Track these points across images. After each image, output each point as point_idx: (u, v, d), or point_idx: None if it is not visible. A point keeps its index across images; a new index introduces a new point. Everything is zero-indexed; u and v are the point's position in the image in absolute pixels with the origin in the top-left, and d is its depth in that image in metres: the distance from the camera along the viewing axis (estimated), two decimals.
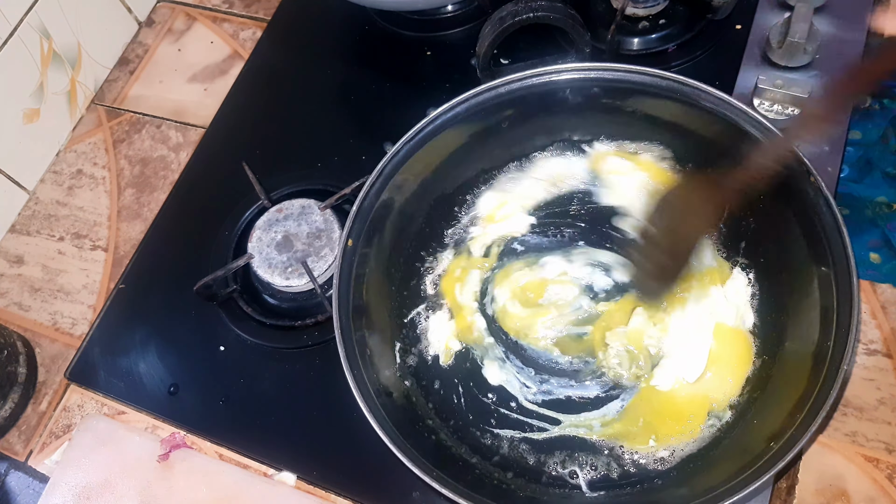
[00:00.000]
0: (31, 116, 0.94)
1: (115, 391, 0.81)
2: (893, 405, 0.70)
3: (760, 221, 0.72)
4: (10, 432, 0.82)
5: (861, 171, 0.82)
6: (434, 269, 0.79)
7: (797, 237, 0.67)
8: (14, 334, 0.84)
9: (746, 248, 0.74)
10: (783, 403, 0.63)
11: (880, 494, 0.66)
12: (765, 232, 0.72)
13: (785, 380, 0.66)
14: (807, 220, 0.65)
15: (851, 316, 0.60)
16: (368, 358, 0.67)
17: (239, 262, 0.80)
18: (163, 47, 1.06)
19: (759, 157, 0.59)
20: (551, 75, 0.73)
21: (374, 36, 0.99)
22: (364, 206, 0.71)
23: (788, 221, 0.68)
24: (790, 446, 0.57)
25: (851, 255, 0.61)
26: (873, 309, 0.74)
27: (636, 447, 0.68)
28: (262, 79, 0.99)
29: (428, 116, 0.73)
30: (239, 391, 0.78)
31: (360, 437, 0.62)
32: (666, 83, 0.70)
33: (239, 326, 0.80)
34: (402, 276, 0.78)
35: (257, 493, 0.73)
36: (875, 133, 0.83)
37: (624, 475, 0.68)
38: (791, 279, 0.68)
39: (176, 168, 0.95)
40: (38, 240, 0.94)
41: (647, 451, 0.68)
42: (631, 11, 0.88)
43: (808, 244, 0.66)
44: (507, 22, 0.79)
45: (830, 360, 0.60)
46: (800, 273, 0.67)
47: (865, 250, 0.78)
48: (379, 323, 0.73)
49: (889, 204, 0.80)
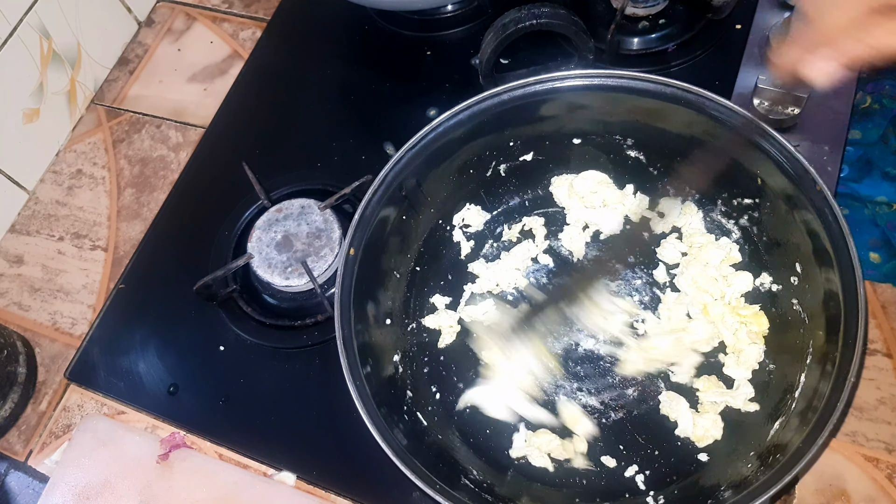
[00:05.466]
0: (31, 116, 0.94)
1: (115, 391, 0.81)
2: (893, 405, 0.70)
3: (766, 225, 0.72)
4: (10, 432, 0.82)
5: (861, 171, 0.82)
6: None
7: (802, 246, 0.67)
8: (14, 334, 0.84)
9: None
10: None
11: (880, 494, 0.67)
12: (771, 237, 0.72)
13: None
14: (811, 228, 0.65)
15: (858, 326, 0.59)
16: (370, 367, 0.67)
17: (239, 261, 0.80)
18: (162, 47, 1.06)
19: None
20: (555, 82, 0.72)
21: (374, 36, 0.99)
22: (366, 215, 0.70)
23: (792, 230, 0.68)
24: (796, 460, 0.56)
25: (858, 265, 0.61)
26: (873, 309, 0.74)
27: None
28: (262, 79, 0.99)
29: (430, 123, 0.72)
30: (239, 391, 0.78)
31: (360, 437, 0.62)
32: (671, 91, 0.70)
33: (239, 326, 0.80)
34: (406, 281, 0.78)
35: (257, 493, 0.73)
36: (875, 133, 0.83)
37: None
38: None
39: (176, 168, 0.95)
40: (38, 240, 0.94)
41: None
42: (631, 11, 0.88)
43: (817, 254, 0.65)
44: (510, 29, 0.79)
45: (838, 369, 0.59)
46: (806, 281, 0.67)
47: (865, 250, 0.78)
48: (380, 328, 0.73)
49: (889, 204, 0.80)
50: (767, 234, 0.73)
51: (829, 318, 0.63)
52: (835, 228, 0.63)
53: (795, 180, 0.65)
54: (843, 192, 0.81)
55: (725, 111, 0.68)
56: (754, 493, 0.57)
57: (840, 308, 0.61)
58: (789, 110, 0.79)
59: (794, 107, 0.79)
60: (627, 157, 0.78)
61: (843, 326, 0.60)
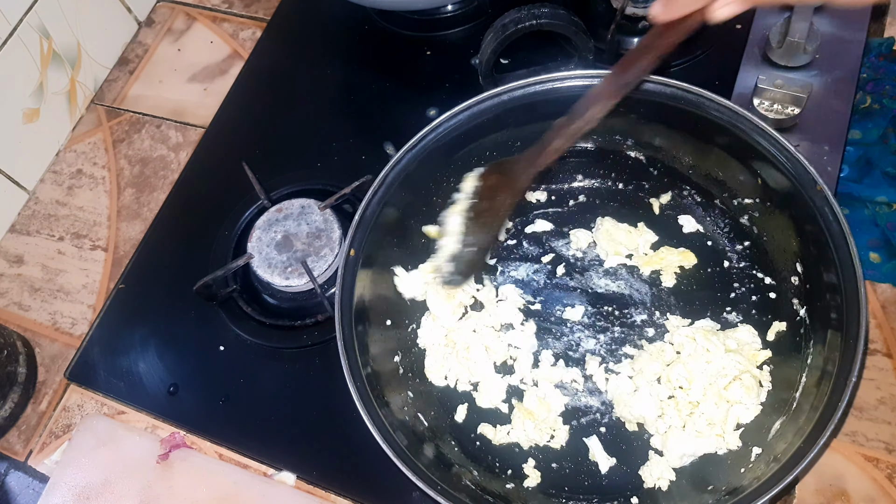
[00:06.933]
0: (31, 116, 0.94)
1: (115, 391, 0.81)
2: (893, 405, 0.70)
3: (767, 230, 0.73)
4: (10, 432, 0.82)
5: (861, 170, 0.81)
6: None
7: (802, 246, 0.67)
8: (14, 334, 0.84)
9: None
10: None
11: (880, 494, 0.67)
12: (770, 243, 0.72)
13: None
14: (811, 228, 0.65)
15: (858, 326, 0.59)
16: (370, 367, 0.67)
17: (239, 261, 0.80)
18: (162, 47, 1.06)
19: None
20: (555, 82, 0.72)
21: (374, 36, 0.99)
22: (366, 216, 0.70)
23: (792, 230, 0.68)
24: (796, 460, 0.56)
25: (858, 265, 0.61)
26: (873, 309, 0.74)
27: None
28: (262, 79, 0.99)
29: (430, 124, 0.72)
30: (239, 391, 0.78)
31: (360, 437, 0.62)
32: (671, 91, 0.70)
33: (239, 326, 0.80)
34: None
35: (257, 493, 0.73)
36: (875, 133, 0.83)
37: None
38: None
39: (176, 168, 0.95)
40: (38, 240, 0.94)
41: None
42: (631, 11, 0.88)
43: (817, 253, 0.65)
44: (510, 29, 0.79)
45: (838, 369, 0.59)
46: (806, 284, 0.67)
47: (865, 250, 0.78)
48: (380, 329, 0.73)
49: (889, 204, 0.80)
50: (767, 234, 0.73)
51: (830, 319, 0.63)
52: (835, 228, 0.63)
53: (795, 180, 0.65)
54: (843, 192, 0.80)
55: (725, 111, 0.68)
56: (754, 493, 0.57)
57: (840, 308, 0.61)
58: (789, 110, 0.79)
59: (794, 107, 0.79)
60: (627, 157, 0.79)
61: (844, 326, 0.60)
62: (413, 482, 0.59)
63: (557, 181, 0.82)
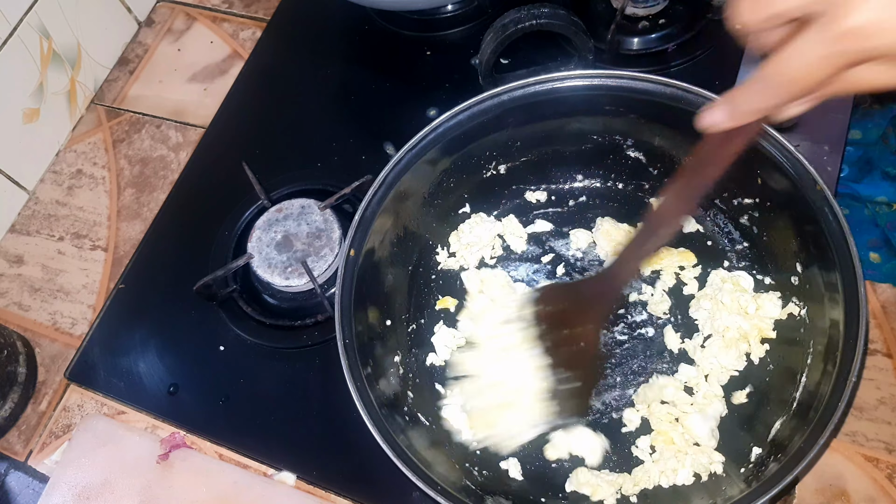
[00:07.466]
0: (31, 116, 0.94)
1: (115, 391, 0.81)
2: (893, 405, 0.70)
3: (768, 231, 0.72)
4: (10, 432, 0.82)
5: (861, 170, 0.82)
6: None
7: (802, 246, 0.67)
8: (14, 334, 0.84)
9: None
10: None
11: (880, 494, 0.67)
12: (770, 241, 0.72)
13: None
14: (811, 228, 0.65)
15: (858, 326, 0.59)
16: (370, 367, 0.67)
17: (239, 261, 0.80)
18: (162, 47, 1.06)
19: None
20: (555, 82, 0.72)
21: (374, 36, 0.99)
22: (366, 216, 0.70)
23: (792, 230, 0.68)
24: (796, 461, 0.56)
25: (858, 265, 0.60)
26: (873, 309, 0.74)
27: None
28: (262, 79, 0.99)
29: (430, 124, 0.72)
30: (239, 391, 0.78)
31: (360, 437, 0.62)
32: (671, 90, 0.70)
33: (239, 326, 0.80)
34: (407, 283, 0.78)
35: (257, 493, 0.73)
36: (875, 133, 0.83)
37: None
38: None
39: (176, 168, 0.95)
40: (38, 240, 0.94)
41: None
42: (631, 11, 0.88)
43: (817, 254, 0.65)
44: (510, 29, 0.78)
45: (838, 369, 0.59)
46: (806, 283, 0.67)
47: (865, 250, 0.78)
48: (381, 329, 0.73)
49: (889, 204, 0.80)
50: (767, 234, 0.73)
51: (830, 319, 0.63)
52: (835, 228, 0.63)
53: (795, 180, 0.65)
54: (843, 192, 0.81)
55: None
56: (754, 493, 0.57)
57: (840, 308, 0.61)
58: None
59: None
60: (627, 157, 0.78)
61: (844, 326, 0.60)
62: (412, 482, 0.59)
63: (557, 181, 0.82)
